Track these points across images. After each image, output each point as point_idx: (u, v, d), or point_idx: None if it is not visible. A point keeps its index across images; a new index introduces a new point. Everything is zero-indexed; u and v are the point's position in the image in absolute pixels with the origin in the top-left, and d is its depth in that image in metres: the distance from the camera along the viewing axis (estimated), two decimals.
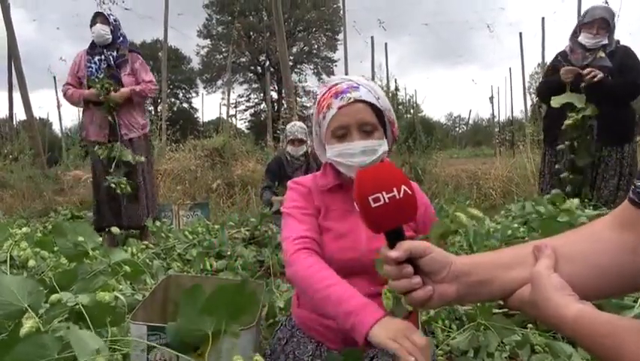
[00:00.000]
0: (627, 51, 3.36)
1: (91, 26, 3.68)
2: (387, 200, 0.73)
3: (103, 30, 3.64)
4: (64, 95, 3.72)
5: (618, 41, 3.40)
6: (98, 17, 3.66)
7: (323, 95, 1.27)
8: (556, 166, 3.45)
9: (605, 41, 3.29)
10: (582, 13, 3.48)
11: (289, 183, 1.35)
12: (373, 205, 0.73)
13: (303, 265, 1.11)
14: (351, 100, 1.20)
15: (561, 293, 0.65)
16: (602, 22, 3.27)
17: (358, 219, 1.18)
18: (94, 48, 3.70)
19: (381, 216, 0.73)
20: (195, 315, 0.91)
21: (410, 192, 0.74)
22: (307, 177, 1.36)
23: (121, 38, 3.76)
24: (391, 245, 0.75)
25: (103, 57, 3.66)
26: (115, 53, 3.70)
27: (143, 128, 3.86)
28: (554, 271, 0.69)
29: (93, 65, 3.64)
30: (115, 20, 3.75)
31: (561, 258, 0.71)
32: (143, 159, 3.72)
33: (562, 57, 3.52)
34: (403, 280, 0.73)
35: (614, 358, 0.55)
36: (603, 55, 3.29)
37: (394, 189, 0.73)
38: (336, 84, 1.25)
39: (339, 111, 1.20)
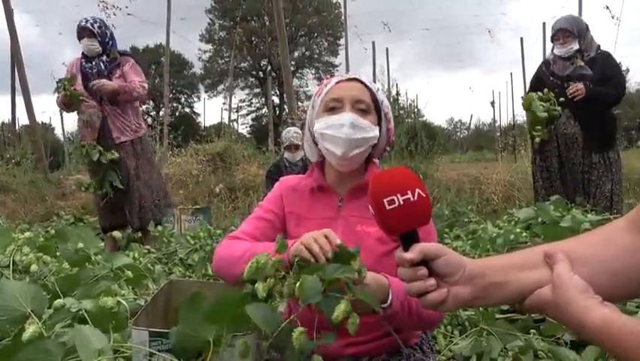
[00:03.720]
0: (607, 59, 3.48)
1: (79, 39, 3.65)
2: (401, 202, 0.73)
3: (91, 45, 3.61)
4: (57, 103, 3.71)
5: (599, 47, 3.51)
6: (84, 32, 3.60)
7: (323, 82, 1.28)
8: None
9: (576, 46, 3.43)
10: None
11: (281, 179, 1.34)
12: (388, 208, 0.73)
13: (223, 245, 1.17)
14: (351, 77, 1.21)
15: (584, 296, 0.65)
16: (563, 32, 3.47)
17: (336, 230, 1.12)
18: (87, 56, 3.69)
19: (395, 218, 0.73)
20: (197, 323, 0.90)
21: (424, 196, 0.74)
22: (296, 176, 1.33)
23: (110, 43, 3.70)
24: (406, 248, 0.75)
25: (93, 63, 3.64)
26: (106, 58, 3.66)
27: (137, 131, 3.77)
28: None
29: (89, 72, 3.64)
30: (100, 27, 3.65)
31: (574, 261, 0.71)
32: (114, 156, 3.59)
33: (545, 66, 3.68)
34: (417, 282, 0.73)
35: None
36: (582, 63, 3.44)
37: (409, 192, 0.73)
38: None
39: (336, 85, 1.20)
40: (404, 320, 1.03)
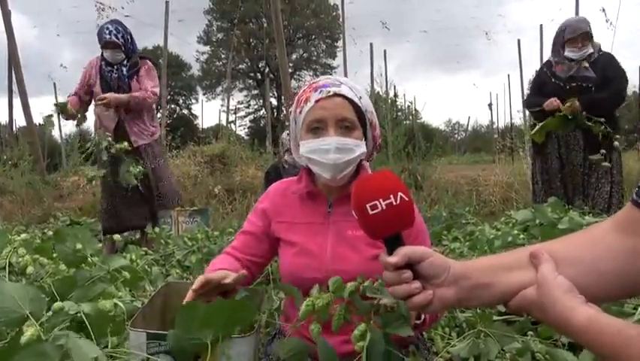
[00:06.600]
0: (610, 60, 3.46)
1: (102, 49, 3.61)
2: (384, 207, 0.73)
3: (117, 55, 3.59)
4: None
5: (600, 47, 3.49)
6: (109, 45, 3.56)
7: (302, 90, 1.21)
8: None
9: (591, 50, 3.41)
10: (560, 27, 3.56)
11: (270, 187, 1.32)
12: (371, 212, 0.74)
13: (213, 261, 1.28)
14: (331, 93, 1.14)
15: (569, 296, 0.65)
16: (585, 35, 3.41)
17: (326, 235, 1.18)
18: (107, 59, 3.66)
19: (378, 222, 0.74)
20: (193, 328, 0.91)
21: (407, 199, 0.74)
22: (284, 181, 1.32)
23: (131, 48, 3.68)
24: (390, 251, 0.75)
25: (115, 68, 3.63)
26: (127, 62, 3.64)
27: (153, 134, 3.83)
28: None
29: (109, 75, 3.63)
30: (123, 37, 3.61)
31: (560, 261, 0.71)
32: (124, 146, 3.54)
33: (547, 68, 3.63)
34: (402, 285, 0.74)
35: None
36: (587, 65, 3.41)
37: (391, 196, 0.74)
38: (318, 81, 1.20)
39: (316, 104, 1.14)
40: (430, 325, 1.16)
